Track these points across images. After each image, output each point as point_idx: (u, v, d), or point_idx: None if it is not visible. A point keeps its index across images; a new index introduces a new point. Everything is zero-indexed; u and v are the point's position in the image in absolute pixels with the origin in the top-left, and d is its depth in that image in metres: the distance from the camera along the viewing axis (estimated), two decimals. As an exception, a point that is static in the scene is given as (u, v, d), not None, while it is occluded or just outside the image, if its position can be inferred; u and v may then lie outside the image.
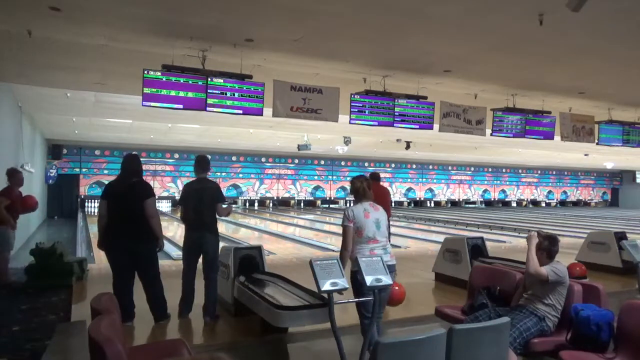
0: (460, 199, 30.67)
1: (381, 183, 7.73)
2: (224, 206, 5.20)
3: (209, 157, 22.50)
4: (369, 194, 4.01)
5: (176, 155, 22.82)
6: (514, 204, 32.37)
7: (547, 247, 3.86)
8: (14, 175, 6.61)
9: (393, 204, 28.57)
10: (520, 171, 32.13)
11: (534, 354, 3.62)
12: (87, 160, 21.08)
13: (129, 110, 10.86)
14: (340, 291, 3.49)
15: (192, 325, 4.99)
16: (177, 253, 9.07)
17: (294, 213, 23.40)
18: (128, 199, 4.68)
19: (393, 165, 28.02)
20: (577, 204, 34.65)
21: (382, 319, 3.97)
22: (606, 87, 8.09)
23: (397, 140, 16.93)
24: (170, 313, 5.02)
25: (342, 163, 26.71)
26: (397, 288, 4.39)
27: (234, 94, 6.28)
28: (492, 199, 31.72)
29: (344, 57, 6.44)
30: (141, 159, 5.13)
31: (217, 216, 5.14)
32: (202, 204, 5.01)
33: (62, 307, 5.41)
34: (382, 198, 5.86)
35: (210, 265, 5.09)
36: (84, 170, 21.13)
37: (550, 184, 33.67)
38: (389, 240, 4.16)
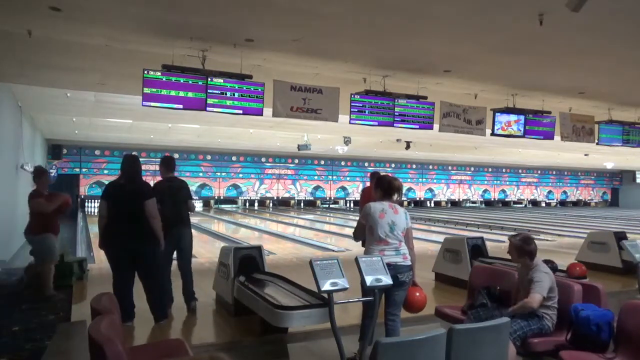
0: (460, 199, 30.67)
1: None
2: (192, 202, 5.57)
3: (210, 157, 22.18)
4: (396, 195, 4.03)
5: (176, 155, 22.79)
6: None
7: (521, 247, 3.84)
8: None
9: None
10: (520, 171, 32.13)
11: (534, 354, 3.62)
12: (87, 160, 21.08)
13: (129, 110, 10.86)
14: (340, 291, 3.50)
15: (192, 325, 4.99)
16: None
17: (294, 213, 23.39)
18: (128, 199, 4.68)
19: (393, 165, 28.00)
20: (577, 204, 34.64)
21: (399, 320, 3.97)
22: (606, 87, 8.09)
23: (397, 140, 16.93)
24: (172, 312, 5.03)
25: (342, 163, 26.70)
26: (417, 294, 3.99)
27: (234, 94, 6.28)
28: (492, 199, 31.72)
29: (344, 57, 6.44)
30: (141, 159, 5.18)
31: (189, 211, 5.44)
32: (177, 201, 5.26)
33: (62, 307, 5.41)
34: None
35: (188, 257, 5.36)
36: (84, 170, 21.13)
37: (550, 184, 33.66)
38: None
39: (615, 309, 3.57)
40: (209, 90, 6.13)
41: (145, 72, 5.86)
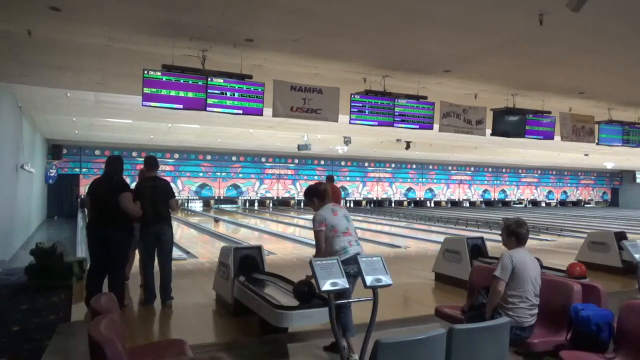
0: (461, 199, 30.67)
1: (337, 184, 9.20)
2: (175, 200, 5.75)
3: (210, 157, 22.18)
4: (330, 196, 4.35)
5: (176, 155, 22.83)
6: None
7: (507, 227, 3.81)
8: None
9: (393, 204, 28.78)
10: (520, 171, 32.13)
11: (534, 354, 3.62)
12: (87, 160, 21.08)
13: (129, 110, 10.85)
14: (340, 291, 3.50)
15: (192, 325, 4.99)
16: (178, 253, 9.08)
17: (294, 213, 23.38)
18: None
19: (393, 165, 28.01)
20: (577, 204, 34.64)
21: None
22: (606, 87, 8.08)
23: (397, 140, 16.93)
24: (172, 311, 5.04)
25: (342, 163, 26.71)
26: None
27: (234, 94, 6.28)
28: (492, 199, 31.72)
29: (344, 57, 6.43)
30: (141, 159, 5.26)
31: (171, 210, 5.56)
32: (158, 199, 5.39)
33: (62, 307, 5.41)
34: (337, 195, 8.78)
35: (167, 254, 5.52)
36: (84, 170, 21.12)
37: (550, 184, 33.66)
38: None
39: (615, 309, 3.57)
40: (209, 90, 6.12)
41: (145, 72, 5.85)
